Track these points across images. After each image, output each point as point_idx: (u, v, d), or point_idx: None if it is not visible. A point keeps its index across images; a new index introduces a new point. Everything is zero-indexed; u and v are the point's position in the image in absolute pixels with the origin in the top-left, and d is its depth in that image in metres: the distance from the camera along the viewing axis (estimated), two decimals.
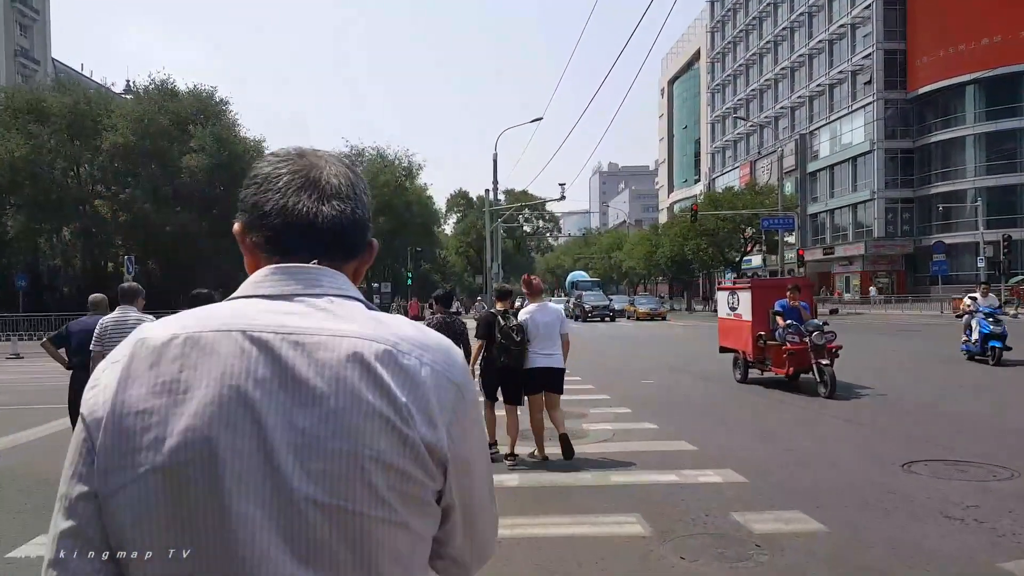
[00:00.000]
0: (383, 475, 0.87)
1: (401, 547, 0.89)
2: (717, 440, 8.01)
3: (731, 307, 13.15)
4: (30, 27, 78.78)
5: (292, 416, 0.86)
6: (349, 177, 1.04)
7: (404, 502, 0.88)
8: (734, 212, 44.64)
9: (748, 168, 69.61)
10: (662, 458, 7.16)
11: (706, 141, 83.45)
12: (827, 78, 60.16)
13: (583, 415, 9.76)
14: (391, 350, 0.91)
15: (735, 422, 9.21)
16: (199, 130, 38.18)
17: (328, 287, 0.97)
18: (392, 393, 0.89)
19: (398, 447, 0.88)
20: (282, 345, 0.89)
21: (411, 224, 51.75)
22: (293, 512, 0.85)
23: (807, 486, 6.12)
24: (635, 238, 68.27)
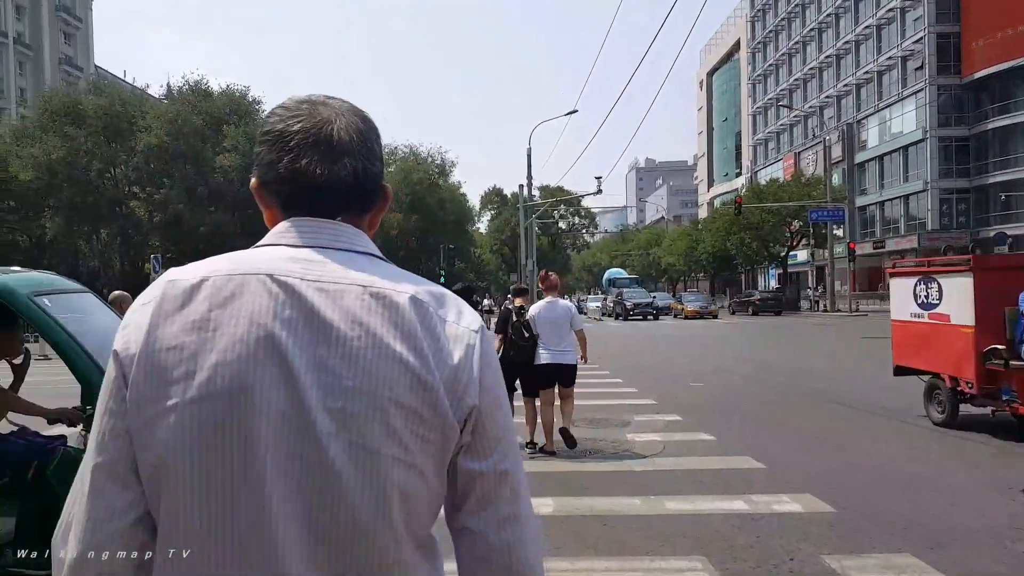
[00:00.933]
0: (402, 417, 0.89)
1: (413, 492, 0.91)
2: (789, 456, 6.86)
3: (923, 303, 8.45)
4: (74, 35, 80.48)
5: (316, 355, 0.89)
6: (360, 128, 1.02)
7: (422, 446, 0.90)
8: (780, 204, 42.81)
9: (792, 160, 67.44)
10: (724, 479, 6.05)
11: (747, 133, 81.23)
12: (875, 65, 57.83)
13: (626, 423, 8.67)
14: (413, 296, 0.94)
15: (807, 433, 8.02)
16: (232, 129, 37.96)
17: (346, 243, 0.99)
18: (413, 339, 0.91)
19: (418, 391, 0.90)
20: (308, 289, 0.91)
21: (444, 222, 50.97)
22: (315, 447, 0.87)
23: (912, 519, 4.96)
24: (674, 234, 66.62)
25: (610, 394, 11.03)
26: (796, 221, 45.25)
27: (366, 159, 1.01)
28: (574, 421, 7.92)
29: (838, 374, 13.19)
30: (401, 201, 49.55)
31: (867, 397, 10.19)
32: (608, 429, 8.35)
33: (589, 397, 10.09)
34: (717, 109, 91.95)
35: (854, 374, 13.11)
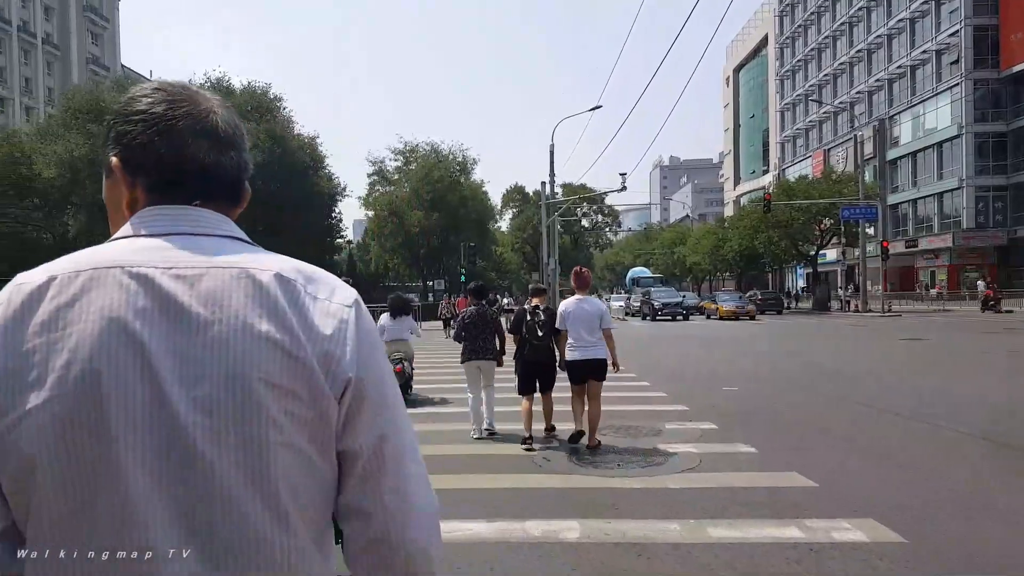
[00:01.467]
0: (275, 397, 0.87)
1: (297, 474, 0.89)
2: (841, 472, 6.12)
3: None
4: (101, 35, 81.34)
5: (175, 343, 0.86)
6: (236, 123, 1.05)
7: (300, 426, 0.88)
8: (810, 202, 41.64)
9: (821, 157, 66.07)
10: (772, 499, 5.34)
11: (775, 130, 79.86)
12: (908, 59, 56.39)
13: (657, 432, 7.98)
14: (278, 273, 0.92)
15: (859, 445, 7.25)
16: (252, 127, 37.68)
17: (210, 228, 0.97)
18: (280, 316, 0.89)
19: (290, 369, 0.87)
20: (163, 277, 0.89)
21: (466, 220, 50.41)
22: (180, 437, 0.84)
23: (1000, 550, 4.24)
24: (700, 232, 65.47)
25: (638, 399, 10.33)
26: (827, 219, 44.01)
27: (244, 153, 1.03)
28: (601, 429, 7.45)
29: (883, 378, 12.34)
30: (422, 199, 49.05)
31: (916, 404, 9.40)
32: (638, 438, 7.67)
33: (616, 402, 9.41)
34: (744, 106, 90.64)
35: (899, 378, 12.28)
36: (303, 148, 40.53)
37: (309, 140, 42.27)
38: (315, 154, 42.08)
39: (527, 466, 6.65)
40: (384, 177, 53.71)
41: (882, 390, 10.87)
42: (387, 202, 50.56)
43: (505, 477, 6.22)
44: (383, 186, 53.56)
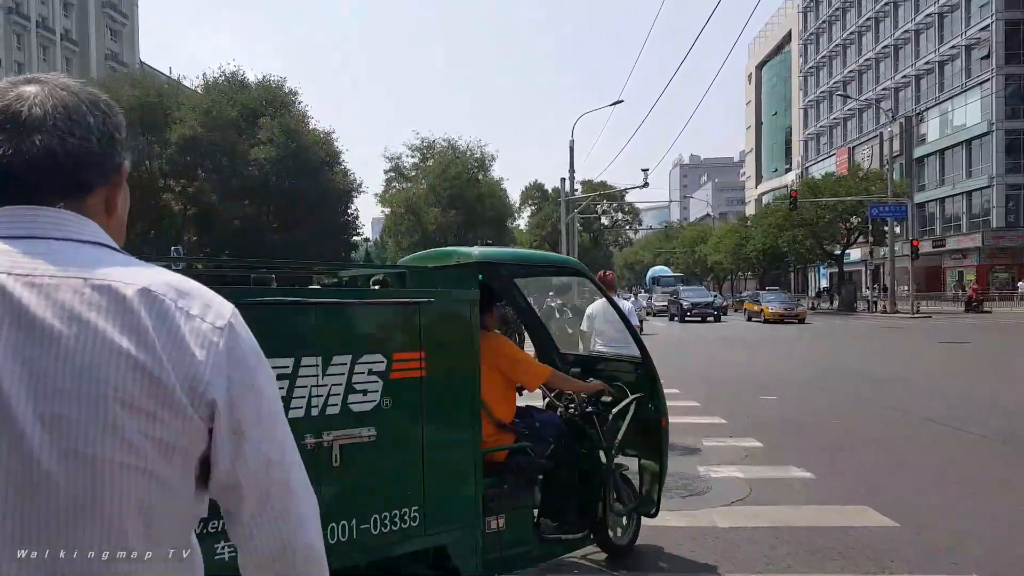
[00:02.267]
0: (131, 419, 0.83)
1: (153, 501, 0.86)
2: (925, 507, 5.22)
3: None
4: (120, 32, 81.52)
5: (26, 357, 0.81)
6: (66, 102, 0.93)
7: (159, 449, 0.85)
8: (837, 200, 40.45)
9: (846, 155, 64.74)
10: (848, 544, 4.48)
11: (798, 127, 78.47)
12: (936, 55, 55.03)
13: (695, 450, 7.13)
14: (144, 288, 0.87)
15: (935, 469, 6.32)
16: (268, 121, 37.12)
17: (67, 231, 0.91)
18: (142, 333, 0.84)
19: (149, 389, 0.84)
20: (16, 285, 0.84)
21: (483, 218, 49.54)
22: (24, 455, 0.80)
23: None
24: (721, 231, 64.28)
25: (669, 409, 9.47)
26: (854, 217, 42.79)
27: (67, 134, 0.90)
28: None
29: (934, 387, 11.37)
30: (440, 196, 48.28)
31: (980, 418, 8.46)
32: (674, 459, 6.83)
33: None
34: (766, 103, 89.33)
35: (951, 387, 11.30)
36: (318, 143, 39.88)
37: (324, 135, 41.62)
38: (331, 149, 41.39)
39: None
40: (401, 174, 52.94)
41: (933, 399, 9.93)
42: (404, 199, 49.84)
43: None
44: (400, 183, 52.80)
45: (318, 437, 2.75)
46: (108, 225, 0.97)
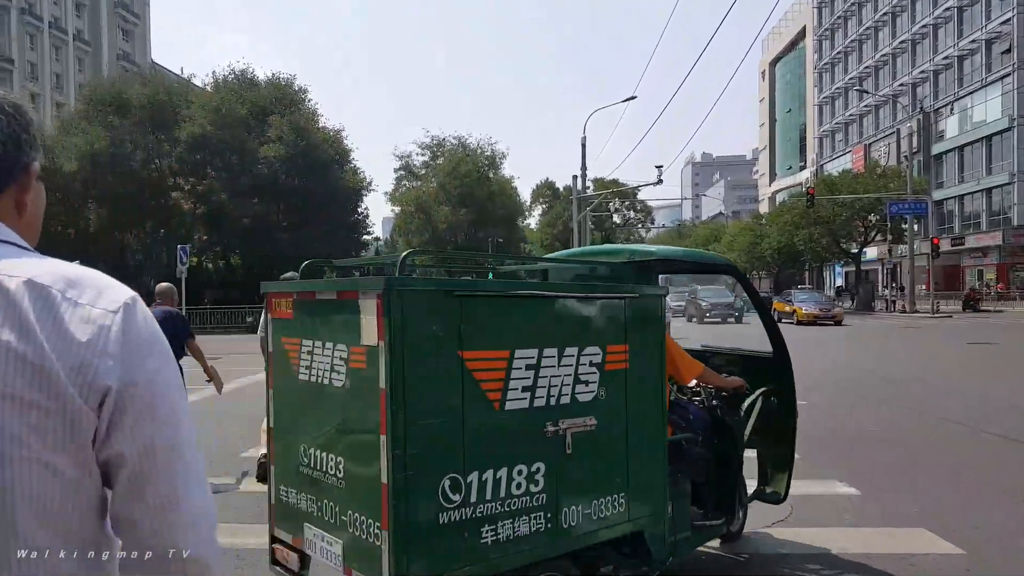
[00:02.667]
0: (14, 410, 0.83)
1: (46, 491, 0.85)
2: (989, 528, 4.70)
3: None
4: (131, 32, 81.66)
5: None
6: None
7: (47, 440, 0.84)
8: (855, 197, 39.66)
9: (861, 152, 63.81)
10: (910, 574, 3.95)
11: (813, 125, 77.50)
12: (956, 49, 54.02)
13: None
14: (29, 280, 0.88)
15: (995, 486, 5.77)
16: (277, 119, 36.82)
17: None
18: (24, 324, 0.85)
19: (32, 380, 0.84)
20: None
21: (494, 216, 49.15)
22: None
23: None
24: (735, 229, 63.53)
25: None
26: (872, 215, 41.98)
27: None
28: None
29: (976, 392, 10.75)
30: (450, 194, 47.88)
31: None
32: None
33: None
34: (780, 100, 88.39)
35: (992, 393, 10.70)
36: (328, 141, 39.54)
37: (334, 133, 41.28)
38: (340, 148, 41.05)
39: None
40: (411, 172, 52.68)
41: (986, 408, 9.33)
42: (414, 197, 49.51)
43: None
44: (410, 181, 52.51)
45: (556, 425, 2.92)
46: (19, 225, 0.98)
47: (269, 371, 3.29)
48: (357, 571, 2.72)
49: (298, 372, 3.02)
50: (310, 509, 2.96)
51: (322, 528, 2.90)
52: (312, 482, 2.95)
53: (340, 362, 2.79)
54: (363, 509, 2.68)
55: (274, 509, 3.21)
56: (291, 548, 3.10)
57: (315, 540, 2.93)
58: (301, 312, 3.08)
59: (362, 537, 2.67)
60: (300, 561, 3.06)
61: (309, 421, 3.03)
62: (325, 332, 2.91)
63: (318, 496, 2.92)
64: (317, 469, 2.92)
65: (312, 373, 2.95)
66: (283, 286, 3.40)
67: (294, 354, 3.06)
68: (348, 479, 2.79)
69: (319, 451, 2.92)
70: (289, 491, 3.10)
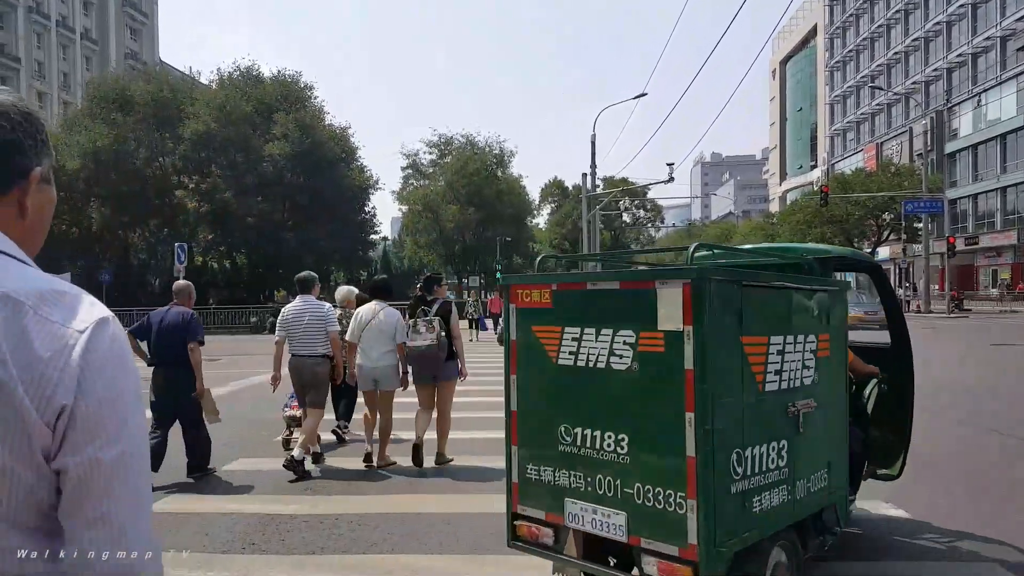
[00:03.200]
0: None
1: (8, 492, 0.89)
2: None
3: None
4: (139, 31, 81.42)
5: None
6: None
7: (4, 445, 0.87)
8: (869, 195, 38.97)
9: (873, 151, 63.05)
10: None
11: (824, 123, 76.74)
12: (970, 47, 53.25)
13: None
14: (5, 294, 0.90)
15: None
16: (282, 116, 36.41)
17: None
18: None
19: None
20: None
21: (502, 215, 48.61)
22: None
23: None
24: (746, 228, 62.82)
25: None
26: (887, 214, 41.27)
27: None
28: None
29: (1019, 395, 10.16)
30: (457, 193, 47.38)
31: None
32: None
33: None
34: (791, 99, 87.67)
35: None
36: (334, 139, 39.12)
37: (340, 131, 40.86)
38: (347, 145, 40.64)
39: None
40: (418, 170, 52.20)
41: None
42: (421, 196, 49.03)
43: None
44: (417, 180, 52.03)
45: (794, 406, 3.26)
46: (20, 229, 1.01)
47: (511, 359, 3.41)
48: (648, 539, 2.92)
49: (557, 357, 3.23)
50: (575, 485, 3.15)
51: (593, 502, 3.08)
52: (577, 459, 3.14)
53: (625, 346, 3.01)
54: (658, 481, 2.89)
55: (517, 488, 3.37)
56: (543, 524, 3.27)
57: (581, 513, 3.11)
58: (565, 302, 3.26)
59: (657, 507, 2.89)
60: (555, 535, 3.25)
61: (573, 402, 3.19)
62: (602, 319, 3.09)
63: (587, 472, 3.11)
64: (585, 447, 3.11)
65: (580, 357, 3.15)
66: (533, 278, 3.52)
67: (551, 341, 3.26)
68: (634, 454, 2.98)
69: (589, 430, 3.10)
70: (541, 469, 3.27)
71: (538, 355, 3.30)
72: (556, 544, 3.24)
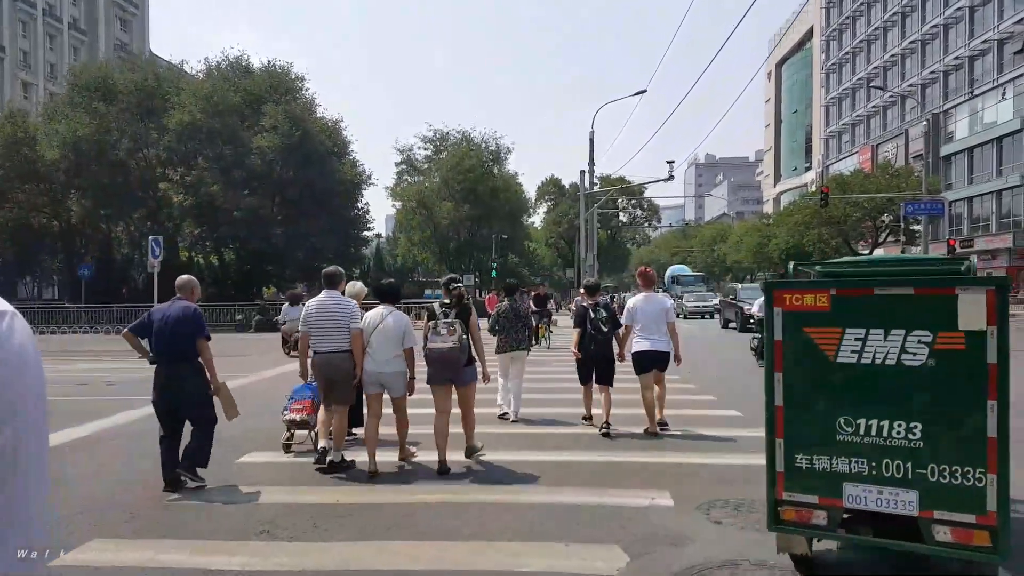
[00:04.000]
0: None
1: None
2: None
3: None
4: (130, 22, 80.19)
5: None
6: None
7: None
8: (868, 196, 38.59)
9: (868, 153, 62.87)
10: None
11: (819, 126, 76.58)
12: (967, 49, 53.13)
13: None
14: None
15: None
16: (272, 107, 35.51)
17: None
18: None
19: None
20: None
21: (498, 212, 47.82)
22: None
23: None
24: (742, 229, 62.40)
25: (745, 441, 7.84)
26: (886, 215, 40.92)
27: None
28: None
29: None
30: (453, 189, 46.67)
31: None
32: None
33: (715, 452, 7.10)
34: (786, 101, 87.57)
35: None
36: (325, 132, 38.27)
37: (332, 124, 40.02)
38: (338, 139, 39.79)
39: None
40: (413, 166, 51.40)
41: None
42: (415, 192, 48.26)
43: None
44: (411, 176, 51.25)
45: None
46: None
47: (776, 358, 3.71)
48: (942, 511, 3.33)
49: (836, 355, 3.57)
50: (856, 470, 3.53)
51: (877, 484, 3.48)
52: (859, 447, 3.52)
53: (920, 345, 3.40)
54: (956, 461, 3.32)
55: (783, 477, 3.68)
56: (815, 507, 3.60)
57: (864, 495, 3.51)
58: (847, 305, 3.59)
59: (953, 483, 3.31)
60: (828, 517, 3.57)
61: (855, 396, 3.55)
62: (892, 321, 3.47)
63: (871, 458, 3.49)
64: (870, 435, 3.50)
65: (864, 356, 3.52)
66: (804, 284, 3.86)
67: (829, 341, 3.60)
68: (929, 438, 3.38)
69: (875, 420, 3.49)
70: (815, 459, 3.62)
71: (812, 354, 3.63)
72: (828, 525, 3.59)
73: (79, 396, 11.15)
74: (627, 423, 7.98)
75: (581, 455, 6.81)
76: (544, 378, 12.17)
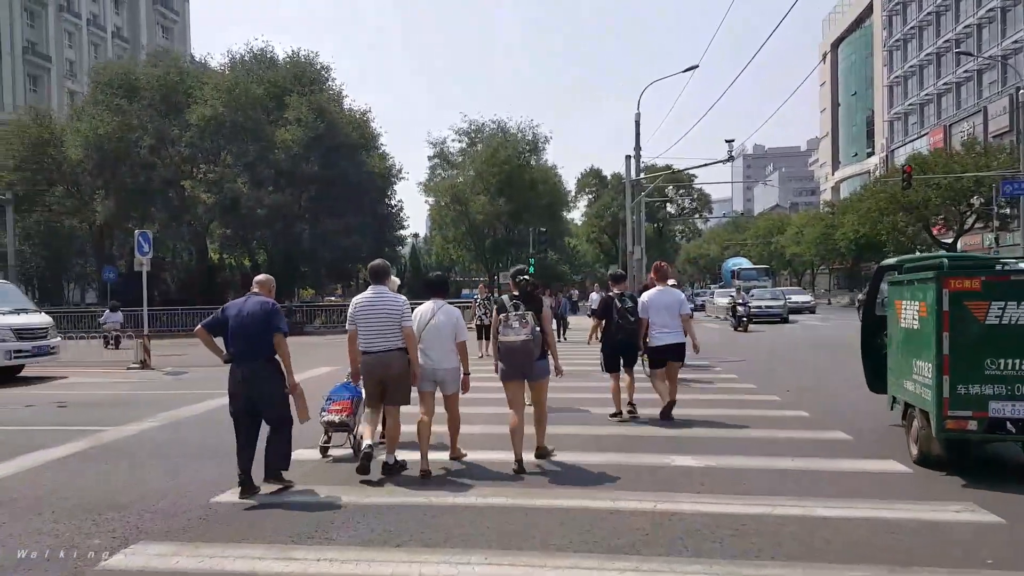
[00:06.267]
0: None
1: None
2: None
3: None
4: (171, 28, 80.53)
5: None
6: None
7: None
8: (955, 176, 34.38)
9: (941, 134, 57.91)
10: None
11: (882, 107, 71.57)
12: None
13: None
14: None
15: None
16: (295, 99, 33.28)
17: None
18: None
19: None
20: None
21: (536, 206, 44.80)
22: None
23: None
24: (801, 220, 58.05)
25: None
26: (976, 197, 36.56)
27: None
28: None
29: None
30: (488, 183, 43.80)
31: None
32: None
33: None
34: (844, 83, 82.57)
35: None
36: (352, 124, 35.89)
37: (360, 115, 37.63)
38: (366, 131, 37.39)
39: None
40: (447, 160, 48.67)
41: None
42: (448, 187, 45.56)
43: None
44: (445, 170, 48.52)
45: None
46: None
47: (944, 323, 5.63)
48: None
49: (985, 319, 5.58)
50: (996, 392, 5.55)
51: (1011, 400, 5.52)
52: (1001, 378, 5.55)
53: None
54: None
55: (948, 401, 5.59)
56: (970, 419, 5.56)
57: (1002, 407, 5.54)
58: (992, 286, 5.62)
59: None
60: (978, 424, 5.55)
61: (998, 344, 5.55)
62: (1022, 296, 5.54)
63: (1008, 383, 5.53)
64: (1007, 370, 5.54)
65: (1004, 318, 5.55)
66: (967, 272, 5.88)
67: (979, 309, 5.59)
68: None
69: (1013, 359, 5.51)
70: (969, 387, 5.58)
71: (968, 319, 5.61)
72: (978, 429, 5.58)
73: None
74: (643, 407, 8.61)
75: (638, 458, 6.63)
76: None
